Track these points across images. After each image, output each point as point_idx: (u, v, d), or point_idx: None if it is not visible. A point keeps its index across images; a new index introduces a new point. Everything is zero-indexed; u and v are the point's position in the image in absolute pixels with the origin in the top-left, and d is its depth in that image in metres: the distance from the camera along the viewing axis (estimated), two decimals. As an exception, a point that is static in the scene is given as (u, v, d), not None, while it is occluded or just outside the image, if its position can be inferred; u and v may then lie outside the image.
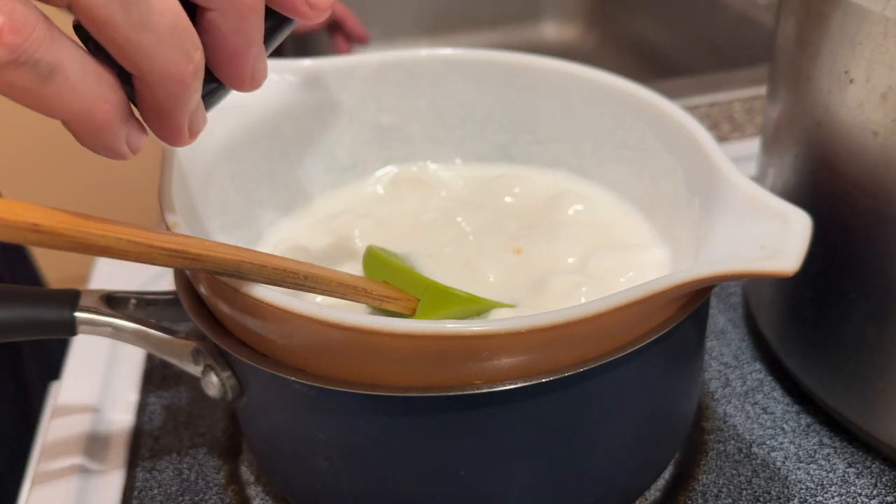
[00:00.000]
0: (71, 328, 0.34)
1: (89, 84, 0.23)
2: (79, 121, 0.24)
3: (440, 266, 0.38)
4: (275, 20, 0.27)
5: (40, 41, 0.22)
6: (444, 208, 0.42)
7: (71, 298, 0.34)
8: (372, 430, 0.30)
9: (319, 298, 0.31)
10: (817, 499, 0.36)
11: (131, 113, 0.25)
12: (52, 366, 0.50)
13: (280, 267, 0.28)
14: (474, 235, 0.40)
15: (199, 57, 0.25)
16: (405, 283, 0.34)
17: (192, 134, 0.27)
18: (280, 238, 0.40)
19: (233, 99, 0.39)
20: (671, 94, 0.39)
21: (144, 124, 0.26)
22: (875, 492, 0.36)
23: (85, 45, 0.24)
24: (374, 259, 0.36)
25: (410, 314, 0.33)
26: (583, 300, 0.32)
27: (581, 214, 0.41)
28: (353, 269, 0.37)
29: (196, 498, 0.37)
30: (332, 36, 0.92)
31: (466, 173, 0.45)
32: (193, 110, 0.26)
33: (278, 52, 0.38)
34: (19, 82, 0.22)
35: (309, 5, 0.27)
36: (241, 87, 0.28)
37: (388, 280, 0.34)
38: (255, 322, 0.28)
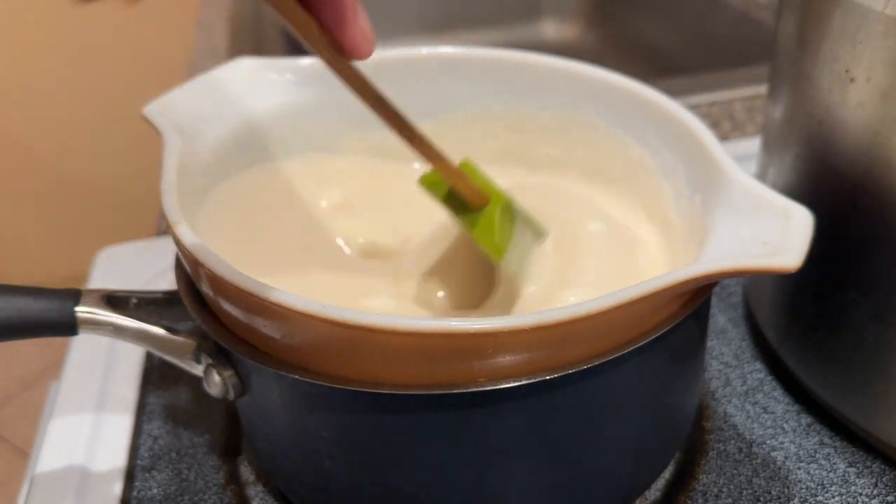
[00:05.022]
0: (72, 327, 0.34)
1: None
2: None
3: (437, 261, 0.38)
4: None
5: None
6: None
7: (72, 298, 0.34)
8: (375, 428, 0.30)
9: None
10: (818, 498, 0.36)
11: None
12: None
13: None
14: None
15: None
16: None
17: None
18: (279, 236, 0.40)
19: (232, 99, 0.39)
20: (672, 93, 0.39)
21: None
22: (875, 491, 0.36)
23: None
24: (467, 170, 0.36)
25: (476, 207, 0.35)
26: (583, 297, 0.32)
27: (581, 211, 0.41)
28: (350, 265, 0.37)
29: (195, 498, 0.37)
30: None
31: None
32: None
33: (277, 51, 0.38)
34: None
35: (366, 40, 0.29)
36: None
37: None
38: (258, 320, 0.28)
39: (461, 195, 0.35)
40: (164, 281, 0.49)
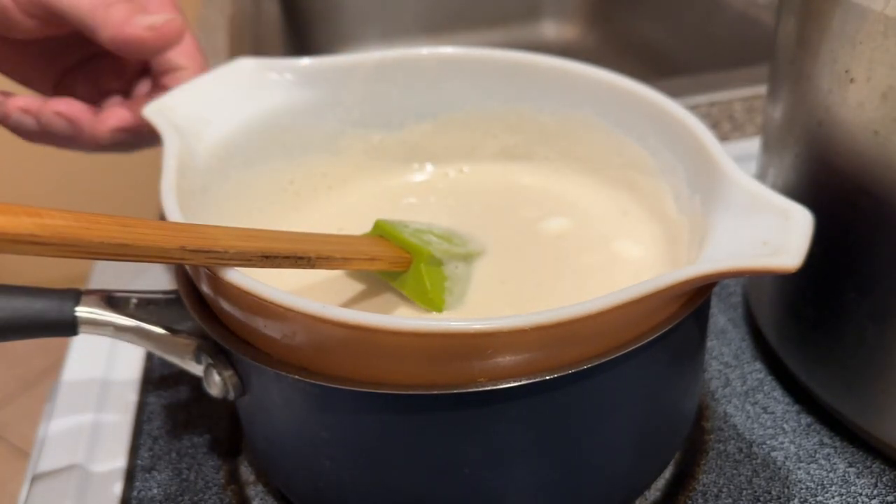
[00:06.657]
0: (72, 328, 0.34)
1: None
2: None
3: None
4: None
5: None
6: (444, 207, 0.42)
7: (72, 298, 0.34)
8: (375, 428, 0.30)
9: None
10: (818, 498, 0.36)
11: None
12: None
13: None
14: (473, 230, 0.40)
15: None
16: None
17: None
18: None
19: (232, 99, 0.39)
20: (671, 94, 0.39)
21: None
22: (875, 492, 0.36)
23: None
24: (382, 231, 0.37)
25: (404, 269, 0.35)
26: (584, 297, 0.32)
27: (581, 212, 0.41)
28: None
29: (195, 498, 0.37)
30: None
31: (467, 172, 0.45)
32: None
33: (277, 51, 0.38)
34: None
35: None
36: None
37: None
38: (258, 320, 0.28)
39: (386, 271, 0.35)
40: (164, 281, 0.49)
